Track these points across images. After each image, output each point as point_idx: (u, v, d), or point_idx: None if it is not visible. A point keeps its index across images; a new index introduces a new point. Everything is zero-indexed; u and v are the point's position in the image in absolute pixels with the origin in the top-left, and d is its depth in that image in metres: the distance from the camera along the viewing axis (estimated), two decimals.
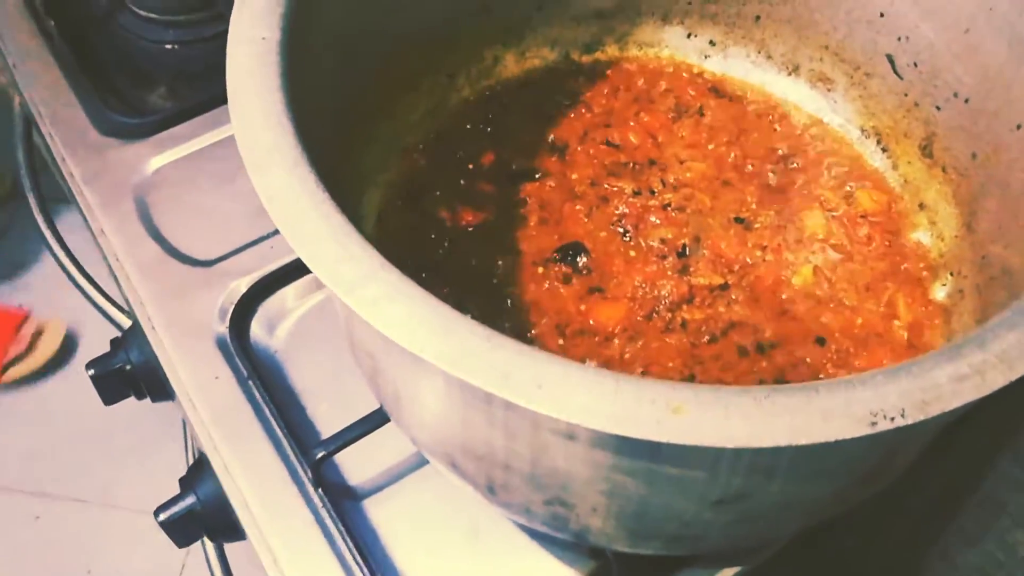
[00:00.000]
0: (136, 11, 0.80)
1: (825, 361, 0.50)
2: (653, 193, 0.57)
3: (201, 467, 0.55)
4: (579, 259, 0.54)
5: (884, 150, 0.59)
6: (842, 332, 0.51)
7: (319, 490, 0.53)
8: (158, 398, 0.64)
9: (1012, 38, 0.49)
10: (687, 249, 0.54)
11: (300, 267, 0.36)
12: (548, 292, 0.53)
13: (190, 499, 0.55)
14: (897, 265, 0.54)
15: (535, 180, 0.58)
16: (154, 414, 0.77)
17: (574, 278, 0.53)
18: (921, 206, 0.56)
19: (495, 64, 0.62)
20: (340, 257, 0.35)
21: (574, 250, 0.54)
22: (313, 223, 0.36)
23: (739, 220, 0.56)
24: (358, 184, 0.55)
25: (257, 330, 0.60)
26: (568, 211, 0.56)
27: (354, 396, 0.53)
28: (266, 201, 0.37)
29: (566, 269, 0.53)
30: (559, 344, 0.50)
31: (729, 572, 0.50)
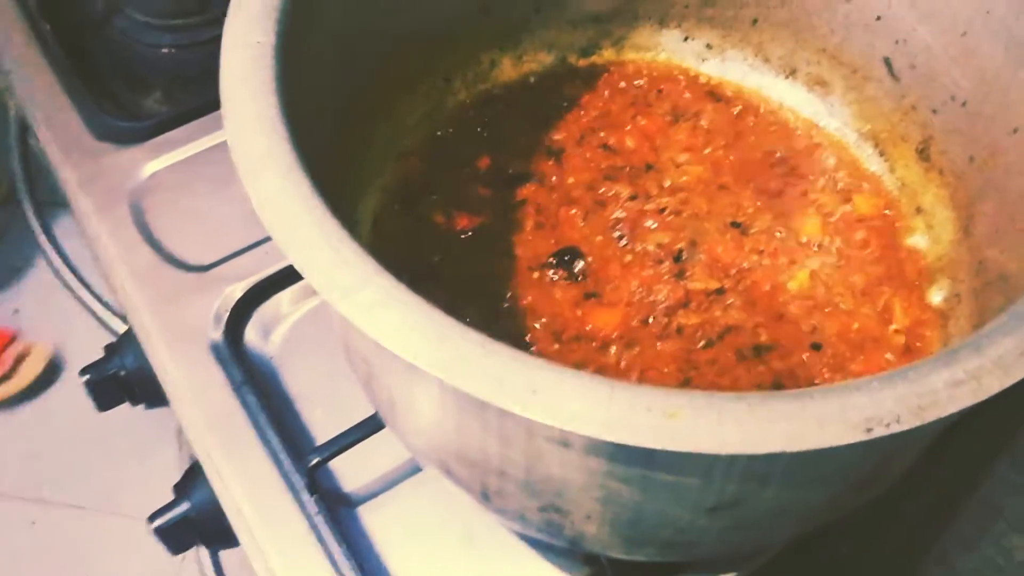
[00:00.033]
0: (132, 15, 0.79)
1: (821, 366, 0.50)
2: (649, 197, 0.57)
3: (195, 473, 0.55)
4: (575, 264, 0.53)
5: (881, 154, 0.59)
6: (838, 336, 0.51)
7: (314, 496, 0.52)
8: (152, 404, 0.64)
9: (1009, 41, 0.49)
10: (683, 254, 0.54)
11: (295, 272, 0.36)
12: (544, 297, 0.52)
13: (184, 506, 0.55)
14: (893, 269, 0.54)
15: (531, 184, 0.57)
16: (149, 420, 0.76)
17: (570, 283, 0.53)
18: (918, 210, 0.56)
19: (492, 68, 0.62)
20: (333, 263, 0.35)
21: (570, 255, 0.54)
22: (306, 228, 0.36)
23: (735, 224, 0.56)
24: (354, 189, 0.54)
25: (252, 336, 0.60)
26: (564, 215, 0.56)
27: (349, 402, 0.53)
28: (258, 207, 0.36)
29: (562, 274, 0.53)
30: (555, 349, 0.50)
31: None
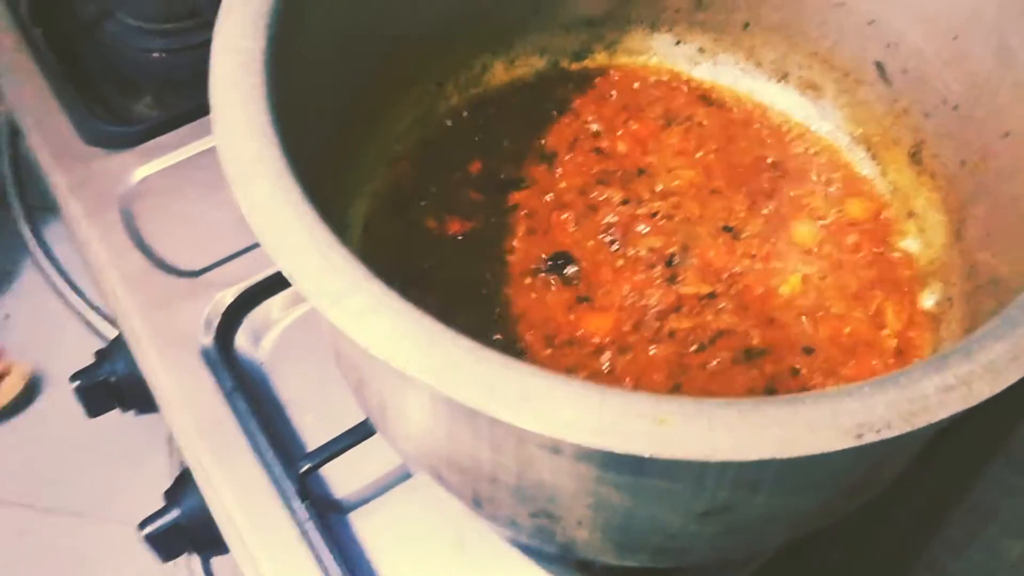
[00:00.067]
0: (123, 19, 0.79)
1: (813, 370, 0.50)
2: (641, 202, 0.57)
3: (185, 480, 0.55)
4: (567, 269, 0.53)
5: (873, 157, 0.59)
6: (830, 341, 0.51)
7: (304, 503, 0.52)
8: (143, 410, 0.64)
9: (1000, 45, 0.49)
10: (675, 258, 0.54)
11: (286, 278, 0.35)
12: (536, 302, 0.52)
13: (174, 513, 0.54)
14: (885, 273, 0.54)
15: (523, 189, 0.57)
16: (140, 426, 0.76)
17: (562, 288, 0.53)
18: (910, 214, 0.56)
19: (484, 72, 0.62)
20: (323, 269, 0.35)
21: (562, 259, 0.54)
22: (295, 234, 0.36)
23: (727, 229, 0.55)
24: (345, 194, 0.54)
25: (242, 341, 0.60)
26: (556, 220, 0.56)
27: (340, 408, 0.53)
28: (247, 212, 0.36)
29: (554, 279, 0.53)
30: (547, 354, 0.50)
31: None
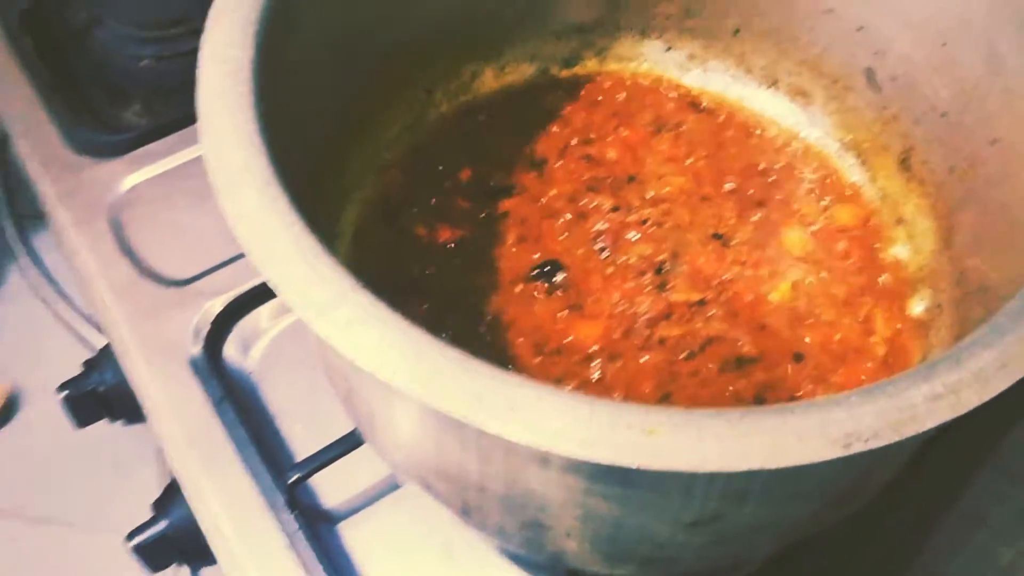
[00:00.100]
0: (113, 27, 0.79)
1: (803, 377, 0.50)
2: (631, 209, 0.57)
3: (174, 490, 0.55)
4: (557, 276, 0.53)
5: (863, 164, 0.59)
6: (820, 348, 0.51)
7: (293, 513, 0.52)
8: (131, 420, 0.63)
9: (988, 52, 0.49)
10: (665, 265, 0.54)
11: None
12: (526, 310, 0.52)
13: (162, 523, 0.54)
14: (875, 280, 0.54)
15: (513, 196, 0.57)
16: (129, 436, 0.76)
17: (552, 295, 0.53)
18: (899, 220, 0.56)
19: (473, 79, 0.62)
20: (309, 280, 0.34)
21: (552, 267, 0.54)
22: (282, 245, 0.35)
23: (717, 236, 0.55)
24: (334, 202, 0.54)
25: (231, 351, 0.60)
26: (546, 228, 0.56)
27: (329, 417, 0.53)
28: (233, 223, 0.36)
29: (544, 286, 0.53)
30: (537, 362, 0.50)
31: None
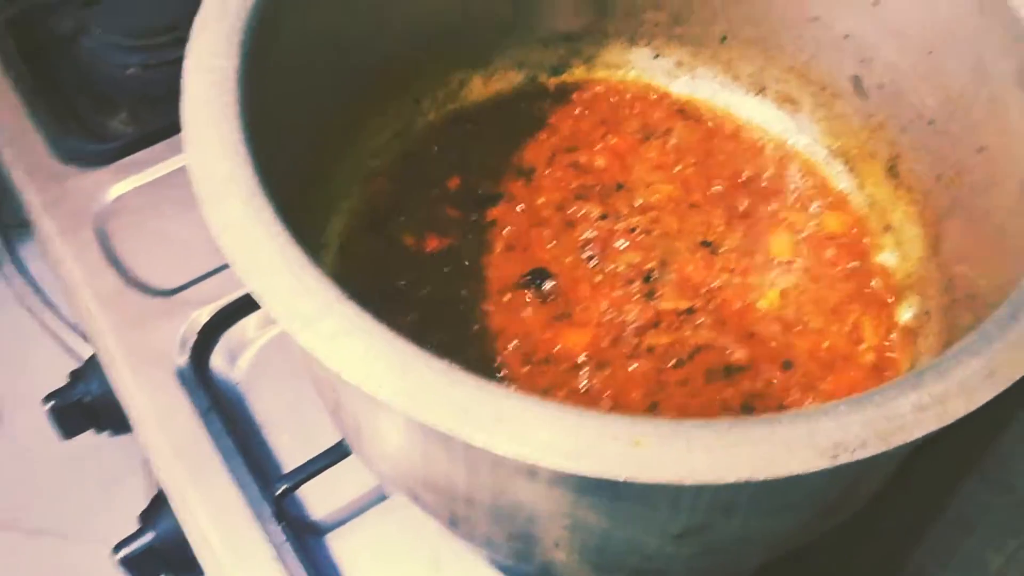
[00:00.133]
0: (100, 35, 0.78)
1: (792, 385, 0.50)
2: (620, 217, 0.56)
3: (161, 502, 0.54)
4: (545, 285, 0.53)
5: (850, 171, 0.59)
6: (808, 355, 0.51)
7: (281, 525, 0.51)
8: (118, 431, 0.63)
9: (974, 61, 0.49)
10: (653, 273, 0.54)
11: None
12: (514, 319, 0.52)
13: (149, 535, 0.54)
14: (863, 287, 0.54)
15: (501, 204, 0.57)
16: (115, 447, 0.75)
17: (540, 304, 0.52)
18: (887, 227, 0.56)
19: (461, 87, 0.62)
20: (295, 291, 0.34)
21: (540, 276, 0.53)
22: (267, 256, 0.35)
23: (706, 244, 0.55)
24: (321, 211, 0.54)
25: (218, 361, 0.59)
26: (535, 236, 0.56)
27: (316, 428, 0.52)
28: (217, 233, 0.36)
29: (532, 295, 0.53)
30: (525, 372, 0.50)
31: None
